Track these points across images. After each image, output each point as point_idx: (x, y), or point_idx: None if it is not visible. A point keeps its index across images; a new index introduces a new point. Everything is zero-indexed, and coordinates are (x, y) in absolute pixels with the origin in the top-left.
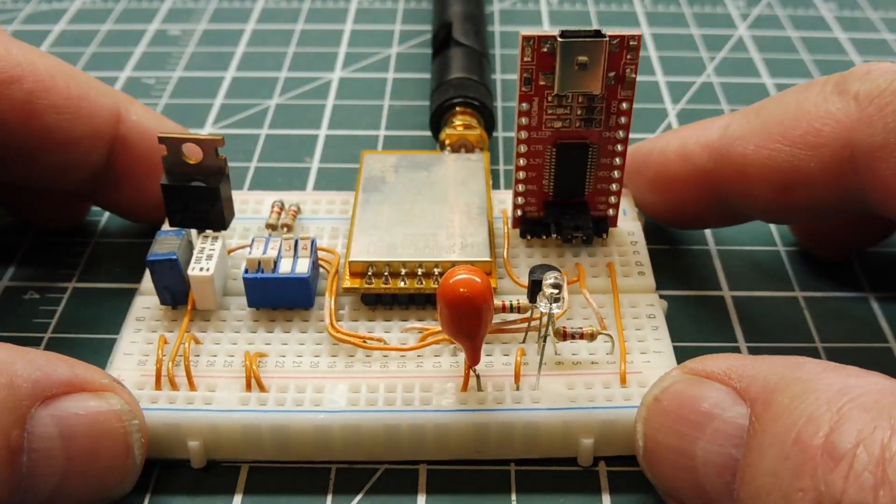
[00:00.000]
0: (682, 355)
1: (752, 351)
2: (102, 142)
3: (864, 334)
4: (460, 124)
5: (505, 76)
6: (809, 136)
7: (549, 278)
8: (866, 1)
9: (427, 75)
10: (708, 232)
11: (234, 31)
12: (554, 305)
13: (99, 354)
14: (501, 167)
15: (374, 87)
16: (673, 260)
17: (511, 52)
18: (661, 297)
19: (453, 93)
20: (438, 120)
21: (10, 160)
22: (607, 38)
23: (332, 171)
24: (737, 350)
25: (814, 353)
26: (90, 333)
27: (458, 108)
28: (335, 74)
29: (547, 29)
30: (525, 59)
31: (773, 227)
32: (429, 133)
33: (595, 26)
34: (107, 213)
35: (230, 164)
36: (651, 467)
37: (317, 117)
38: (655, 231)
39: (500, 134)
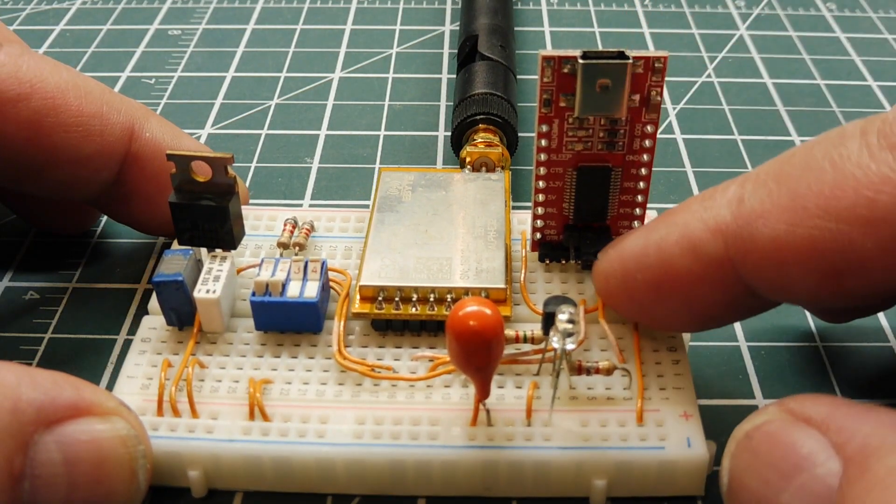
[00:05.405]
0: None
1: (753, 350)
2: (113, 160)
3: (865, 334)
4: (482, 142)
5: None
6: (861, 209)
7: (564, 313)
8: (866, 1)
9: (427, 75)
10: None
11: (234, 31)
12: (567, 341)
13: (99, 355)
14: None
15: (374, 87)
16: None
17: None
18: None
19: (476, 109)
20: (460, 137)
21: (15, 174)
22: (631, 60)
23: (332, 171)
24: (737, 349)
25: (814, 353)
26: (90, 333)
27: (480, 126)
28: (335, 74)
29: (547, 28)
30: (545, 79)
31: None
32: (429, 133)
33: (595, 26)
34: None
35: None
36: None
37: (317, 117)
38: None
39: None
